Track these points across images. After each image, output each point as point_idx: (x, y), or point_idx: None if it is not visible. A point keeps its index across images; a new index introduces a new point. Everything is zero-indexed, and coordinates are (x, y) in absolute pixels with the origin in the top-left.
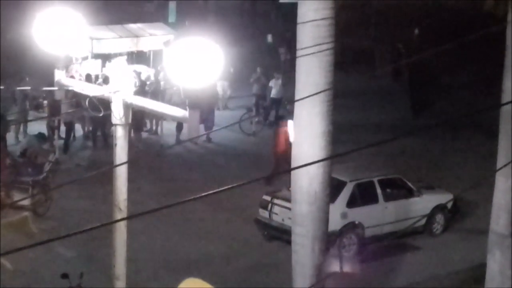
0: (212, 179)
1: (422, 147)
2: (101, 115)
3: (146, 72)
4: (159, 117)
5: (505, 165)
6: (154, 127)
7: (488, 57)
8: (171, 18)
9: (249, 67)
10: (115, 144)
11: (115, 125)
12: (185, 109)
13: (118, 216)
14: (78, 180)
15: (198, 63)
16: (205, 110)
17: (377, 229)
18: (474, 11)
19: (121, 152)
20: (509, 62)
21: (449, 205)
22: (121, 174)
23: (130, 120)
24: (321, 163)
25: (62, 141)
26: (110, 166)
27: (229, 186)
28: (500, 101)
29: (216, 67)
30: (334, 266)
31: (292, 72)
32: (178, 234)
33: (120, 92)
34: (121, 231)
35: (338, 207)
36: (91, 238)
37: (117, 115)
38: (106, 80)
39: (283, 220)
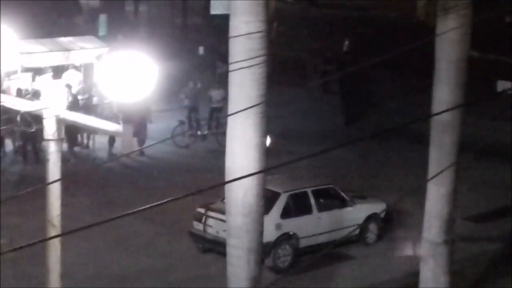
0: (145, 192)
1: (354, 157)
2: (32, 130)
3: (79, 84)
4: (91, 131)
5: (436, 174)
6: (85, 141)
7: (417, 67)
8: (102, 31)
9: (181, 80)
10: (48, 160)
11: (48, 140)
12: (118, 123)
13: (52, 232)
14: (10, 196)
15: (131, 77)
16: (138, 123)
17: (312, 239)
18: (405, 21)
19: (54, 168)
20: (439, 74)
21: (382, 214)
22: (54, 190)
23: (62, 135)
24: (255, 175)
25: None
26: (43, 182)
27: (168, 199)
28: (431, 111)
29: (149, 82)
30: None
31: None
32: (112, 249)
33: (53, 107)
34: (55, 247)
35: (272, 218)
36: (23, 256)
37: (50, 130)
38: (36, 94)
39: (217, 232)
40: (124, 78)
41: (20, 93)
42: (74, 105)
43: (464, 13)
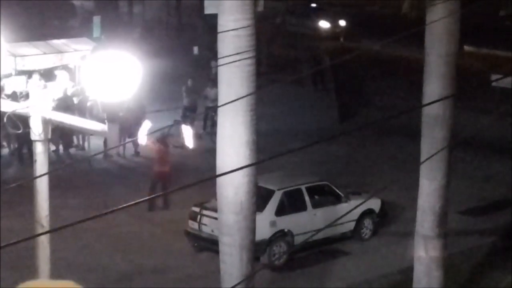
0: (140, 192)
1: (349, 153)
2: (20, 131)
3: (73, 86)
4: (86, 133)
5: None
6: (81, 143)
7: (411, 63)
8: (96, 32)
9: (176, 80)
10: (35, 161)
11: (34, 141)
12: (103, 123)
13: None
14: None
15: (114, 77)
16: (133, 124)
17: (307, 236)
18: (397, 16)
19: (41, 169)
20: (428, 68)
21: (377, 210)
22: (42, 190)
23: (49, 136)
24: (246, 172)
25: None
26: (27, 181)
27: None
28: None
29: (133, 81)
30: None
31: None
32: (108, 249)
33: (38, 108)
34: (43, 247)
35: (266, 216)
36: (17, 258)
37: (36, 131)
38: (28, 97)
39: (212, 231)
40: (108, 77)
41: (15, 96)
42: (69, 106)
43: (451, 7)
